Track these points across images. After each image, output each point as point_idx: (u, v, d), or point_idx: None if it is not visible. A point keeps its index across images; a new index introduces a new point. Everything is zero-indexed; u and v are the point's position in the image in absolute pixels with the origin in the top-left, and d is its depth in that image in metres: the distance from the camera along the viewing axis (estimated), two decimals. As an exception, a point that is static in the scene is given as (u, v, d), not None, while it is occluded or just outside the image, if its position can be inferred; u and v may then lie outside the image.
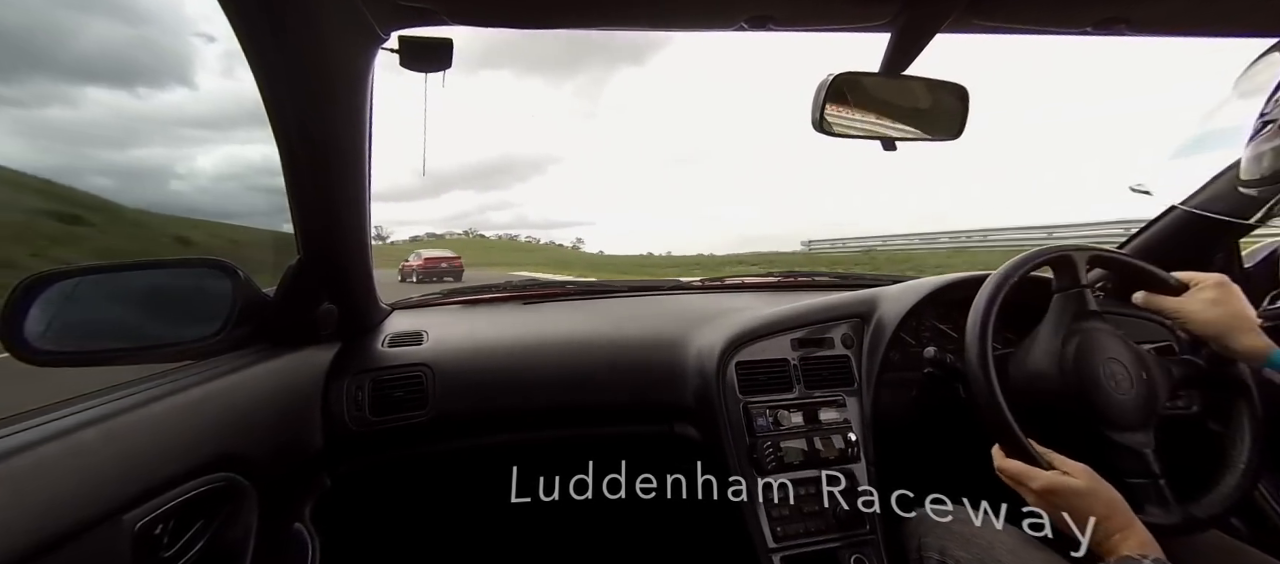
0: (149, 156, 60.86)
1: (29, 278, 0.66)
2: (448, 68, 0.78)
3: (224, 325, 0.80)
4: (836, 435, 0.97)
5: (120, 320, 0.81)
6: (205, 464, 0.67)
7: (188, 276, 0.87)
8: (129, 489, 0.57)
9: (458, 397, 1.02)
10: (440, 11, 0.71)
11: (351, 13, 0.68)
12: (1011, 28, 0.75)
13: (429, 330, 1.10)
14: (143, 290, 0.85)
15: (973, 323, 0.78)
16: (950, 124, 0.86)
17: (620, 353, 1.11)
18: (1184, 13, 0.75)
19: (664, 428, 1.09)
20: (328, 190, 0.83)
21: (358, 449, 0.97)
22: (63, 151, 58.94)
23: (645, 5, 0.74)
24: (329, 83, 0.73)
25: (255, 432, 0.77)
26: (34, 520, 0.48)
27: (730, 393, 1.00)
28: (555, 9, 0.74)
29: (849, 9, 0.70)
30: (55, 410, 0.57)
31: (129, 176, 28.50)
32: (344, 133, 0.79)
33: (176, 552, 0.62)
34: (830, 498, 0.94)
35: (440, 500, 1.22)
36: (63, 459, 0.53)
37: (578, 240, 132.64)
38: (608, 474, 1.26)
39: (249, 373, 0.81)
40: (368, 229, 0.94)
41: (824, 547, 0.91)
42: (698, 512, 1.26)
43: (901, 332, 1.01)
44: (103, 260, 0.79)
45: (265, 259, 1.06)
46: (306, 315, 0.94)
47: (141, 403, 0.63)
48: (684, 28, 0.79)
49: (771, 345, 1.05)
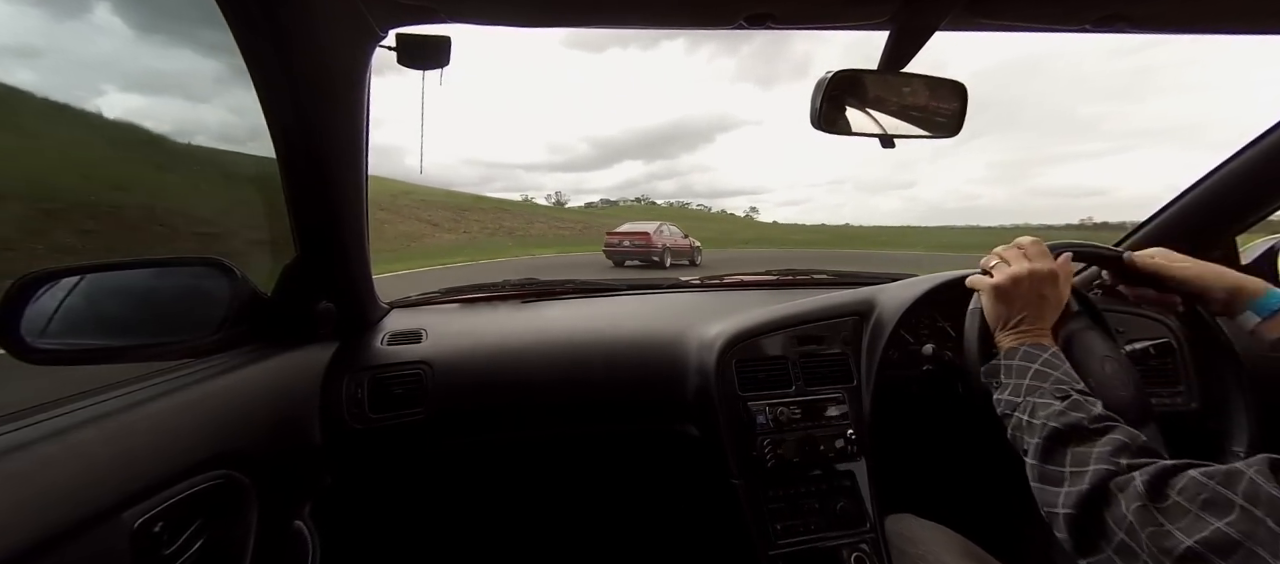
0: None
1: (25, 275, 0.66)
2: (446, 65, 0.78)
3: (222, 324, 0.80)
4: (836, 433, 0.97)
5: (117, 318, 0.81)
6: (204, 462, 0.67)
7: (185, 275, 0.86)
8: (128, 487, 0.57)
9: (457, 394, 1.03)
10: (438, 10, 0.70)
11: (349, 11, 0.68)
12: (1010, 26, 0.75)
13: (428, 328, 1.10)
14: (140, 288, 0.85)
15: (971, 321, 0.78)
16: (949, 122, 0.86)
17: (619, 351, 1.12)
18: (1184, 10, 0.75)
19: (663, 426, 1.10)
20: (325, 188, 0.83)
21: (357, 447, 0.97)
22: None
23: (645, 4, 0.74)
24: (326, 80, 0.73)
25: (254, 430, 0.77)
26: (33, 519, 0.48)
27: (729, 391, 1.00)
28: (555, 8, 0.74)
29: (848, 7, 0.70)
30: (54, 409, 0.57)
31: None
32: (341, 130, 0.79)
33: (176, 550, 0.62)
34: (829, 496, 0.95)
35: (439, 497, 1.22)
36: (61, 458, 0.53)
37: (752, 210, 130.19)
38: (607, 472, 1.26)
39: (247, 371, 0.81)
40: (365, 226, 0.93)
41: (823, 544, 0.91)
42: (697, 509, 1.26)
43: (900, 330, 1.01)
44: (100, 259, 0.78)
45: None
46: (304, 313, 0.93)
47: (140, 401, 0.63)
48: (683, 26, 0.78)
49: (771, 343, 1.05)
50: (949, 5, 0.65)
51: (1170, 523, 0.42)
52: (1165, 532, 0.42)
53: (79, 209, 3.48)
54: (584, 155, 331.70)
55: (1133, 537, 0.44)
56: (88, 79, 7.21)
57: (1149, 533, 0.43)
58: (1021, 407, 0.61)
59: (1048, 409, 0.58)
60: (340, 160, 0.82)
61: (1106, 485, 0.48)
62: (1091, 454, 0.51)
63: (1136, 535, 0.44)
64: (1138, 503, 0.45)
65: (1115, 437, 0.52)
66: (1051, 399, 0.59)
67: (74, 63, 4.95)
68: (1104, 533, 0.47)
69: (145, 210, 3.81)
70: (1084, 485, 0.49)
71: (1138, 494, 0.45)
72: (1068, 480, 0.52)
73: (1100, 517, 0.48)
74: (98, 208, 3.70)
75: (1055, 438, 0.55)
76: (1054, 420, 0.56)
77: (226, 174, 3.06)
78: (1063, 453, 0.54)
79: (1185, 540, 0.41)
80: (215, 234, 2.87)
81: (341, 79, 0.75)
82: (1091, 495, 0.49)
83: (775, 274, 1.52)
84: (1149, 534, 0.43)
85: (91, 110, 6.19)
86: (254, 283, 0.84)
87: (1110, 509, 0.47)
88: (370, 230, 0.96)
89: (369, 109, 0.81)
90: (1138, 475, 0.46)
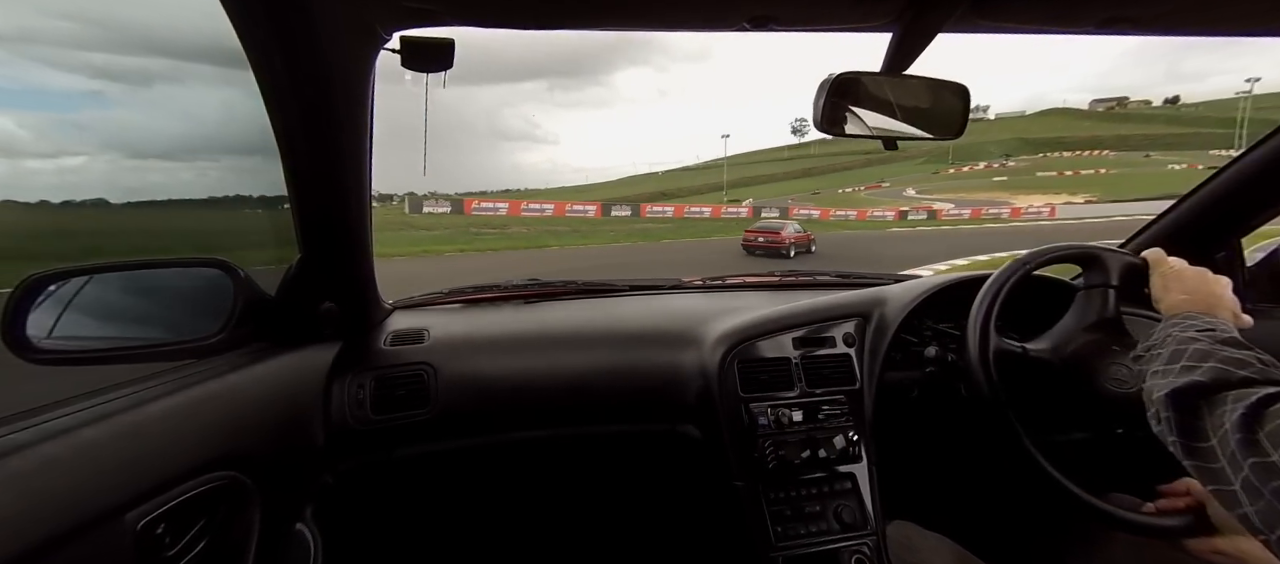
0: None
1: (30, 276, 0.67)
2: (449, 68, 0.78)
3: (225, 324, 0.80)
4: (838, 435, 0.97)
5: (122, 319, 0.81)
6: (207, 463, 0.67)
7: (189, 276, 0.87)
8: (131, 488, 0.57)
9: (460, 395, 1.03)
10: (441, 12, 0.71)
11: (353, 13, 0.68)
12: (1014, 27, 0.74)
13: (431, 329, 1.10)
14: (144, 289, 0.85)
15: (973, 321, 0.78)
16: (951, 123, 0.86)
17: (621, 352, 1.12)
18: (1185, 11, 0.75)
19: (665, 427, 1.10)
20: (329, 189, 0.84)
21: (359, 447, 0.97)
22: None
23: (647, 5, 0.74)
24: (330, 83, 0.73)
25: (257, 430, 0.78)
26: (36, 519, 0.48)
27: (731, 392, 1.00)
28: (557, 10, 0.74)
29: (852, 9, 0.70)
30: (57, 409, 0.57)
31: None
32: (345, 132, 0.79)
33: (179, 551, 0.62)
34: (831, 498, 0.94)
35: (442, 499, 1.22)
36: (65, 458, 0.53)
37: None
38: (609, 473, 1.26)
39: (250, 372, 0.81)
40: (369, 227, 0.94)
41: (825, 546, 0.91)
42: (699, 510, 1.26)
43: (903, 331, 1.01)
44: (104, 260, 0.78)
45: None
46: (308, 314, 0.94)
47: (143, 402, 0.63)
48: (686, 28, 0.79)
49: (773, 344, 1.05)
50: (952, 7, 0.65)
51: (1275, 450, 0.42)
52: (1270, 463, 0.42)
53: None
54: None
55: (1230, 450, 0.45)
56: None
57: (1251, 464, 0.43)
58: (1158, 342, 0.61)
59: (1190, 330, 0.58)
60: (344, 162, 0.82)
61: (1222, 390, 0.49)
62: (1234, 357, 0.51)
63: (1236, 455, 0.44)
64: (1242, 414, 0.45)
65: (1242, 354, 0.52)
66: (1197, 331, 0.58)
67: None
68: (1200, 433, 0.48)
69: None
70: (1201, 378, 0.50)
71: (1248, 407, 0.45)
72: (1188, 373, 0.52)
73: (1200, 413, 0.49)
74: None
75: (1185, 342, 0.56)
76: (1191, 331, 0.57)
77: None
78: (1187, 351, 0.55)
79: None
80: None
81: (345, 81, 0.75)
82: (1203, 389, 0.50)
83: (778, 275, 1.51)
84: (1251, 465, 0.43)
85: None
86: (257, 283, 0.85)
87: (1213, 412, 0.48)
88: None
89: (372, 111, 0.81)
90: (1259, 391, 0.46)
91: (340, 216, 0.87)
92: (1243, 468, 0.44)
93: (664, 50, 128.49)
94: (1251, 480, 0.43)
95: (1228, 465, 0.45)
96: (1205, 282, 0.69)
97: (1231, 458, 0.45)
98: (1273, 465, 0.42)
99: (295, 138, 0.76)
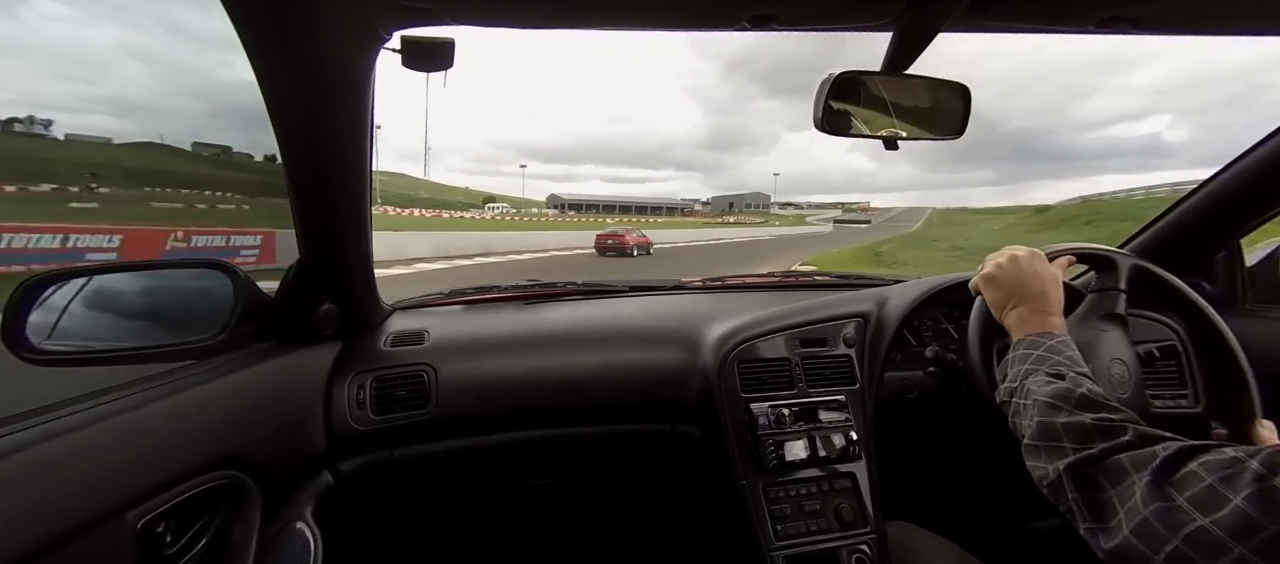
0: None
1: (31, 278, 0.67)
2: (449, 67, 0.78)
3: (226, 325, 0.80)
4: (838, 434, 0.97)
5: (122, 321, 0.81)
6: (207, 463, 0.67)
7: (189, 277, 0.87)
8: (131, 488, 0.57)
9: (460, 395, 1.03)
10: (442, 11, 0.71)
11: (353, 13, 0.68)
12: (1014, 27, 0.74)
13: (431, 330, 1.10)
14: (144, 291, 0.85)
15: (974, 322, 0.78)
16: (951, 122, 0.86)
17: (621, 352, 1.12)
18: (1186, 11, 0.75)
19: (666, 427, 1.10)
20: (329, 190, 0.83)
21: (360, 448, 0.97)
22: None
23: (647, 5, 0.74)
24: (330, 84, 0.73)
25: (257, 431, 0.78)
26: (37, 519, 0.48)
27: (732, 392, 1.00)
28: (557, 9, 0.74)
29: (852, 9, 0.70)
30: (57, 409, 0.57)
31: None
32: (346, 133, 0.79)
33: (179, 550, 0.63)
34: (831, 497, 0.94)
35: (442, 499, 1.22)
36: (65, 458, 0.53)
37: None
38: (609, 473, 1.26)
39: (251, 372, 0.81)
40: (369, 229, 0.94)
41: (825, 545, 0.91)
42: (699, 510, 1.26)
43: (904, 331, 1.01)
44: (104, 261, 0.78)
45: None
46: (308, 315, 0.94)
47: (143, 402, 0.63)
48: (686, 28, 0.78)
49: (773, 344, 1.05)
50: (952, 6, 0.65)
51: (1181, 496, 0.41)
52: (1176, 508, 0.41)
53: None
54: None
55: (1135, 511, 0.44)
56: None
57: (1155, 509, 0.43)
58: (1018, 391, 0.62)
59: (1043, 387, 0.58)
60: (344, 163, 0.82)
61: (1107, 458, 0.48)
62: (1083, 425, 0.52)
63: (1139, 511, 0.44)
64: (1148, 477, 0.44)
65: (1107, 416, 0.52)
66: (1046, 378, 0.59)
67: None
68: (1104, 506, 0.47)
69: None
70: (1073, 457, 0.50)
71: (1144, 466, 0.45)
72: (1056, 454, 0.52)
73: (1098, 485, 0.48)
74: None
75: (1046, 410, 0.56)
76: (1045, 394, 0.57)
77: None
78: (1053, 426, 0.54)
79: (1198, 519, 0.40)
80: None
81: (345, 81, 0.75)
82: (1089, 461, 0.49)
83: (778, 275, 1.52)
84: (1155, 510, 0.43)
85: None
86: (257, 284, 0.85)
87: (1111, 481, 0.47)
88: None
89: (373, 112, 0.81)
90: (1156, 448, 0.46)
91: (340, 218, 0.87)
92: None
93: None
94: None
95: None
96: (1025, 282, 0.71)
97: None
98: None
99: (296, 137, 0.76)
